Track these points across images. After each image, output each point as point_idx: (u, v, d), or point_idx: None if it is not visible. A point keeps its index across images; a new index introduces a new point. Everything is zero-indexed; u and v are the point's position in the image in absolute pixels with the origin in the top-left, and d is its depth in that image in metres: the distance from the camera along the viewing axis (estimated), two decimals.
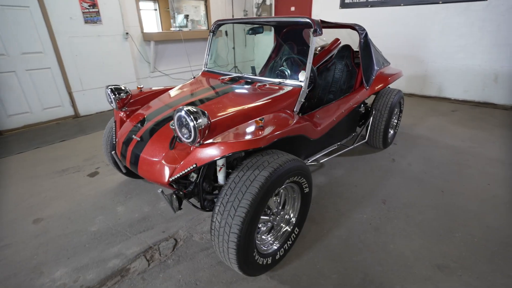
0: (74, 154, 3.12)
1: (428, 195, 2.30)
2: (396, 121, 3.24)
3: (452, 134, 3.53)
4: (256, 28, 2.66)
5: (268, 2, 6.77)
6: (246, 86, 2.09)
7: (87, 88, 4.46)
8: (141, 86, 2.33)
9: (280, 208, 1.60)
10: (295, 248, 1.77)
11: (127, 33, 4.72)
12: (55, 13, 3.85)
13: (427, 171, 2.68)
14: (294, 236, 1.69)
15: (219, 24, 2.57)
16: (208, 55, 2.63)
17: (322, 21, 1.96)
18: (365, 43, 2.61)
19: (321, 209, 2.14)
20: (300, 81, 1.91)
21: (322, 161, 2.75)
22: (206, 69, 2.60)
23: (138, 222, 2.03)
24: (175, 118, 1.36)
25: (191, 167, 1.37)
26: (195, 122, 1.30)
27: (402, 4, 5.01)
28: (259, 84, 2.07)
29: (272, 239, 1.59)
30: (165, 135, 1.61)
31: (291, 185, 1.56)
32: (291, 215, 1.69)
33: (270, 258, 1.52)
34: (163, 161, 1.50)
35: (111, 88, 1.96)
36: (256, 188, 1.24)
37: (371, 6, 5.33)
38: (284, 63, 2.60)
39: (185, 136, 1.37)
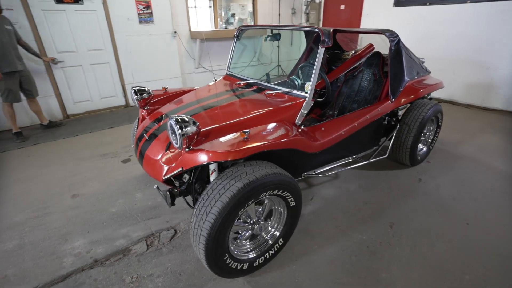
0: (116, 140, 3.58)
1: (447, 225, 2.06)
2: (432, 137, 2.92)
3: (508, 157, 3.02)
4: (274, 35, 2.66)
5: (317, 0, 6.55)
6: (256, 94, 2.14)
7: (137, 81, 5.01)
8: (166, 87, 2.55)
9: (261, 217, 1.64)
10: (280, 257, 1.79)
11: (175, 32, 5.12)
12: (115, 15, 4.40)
13: (458, 197, 2.38)
14: (278, 246, 1.71)
15: (243, 29, 2.65)
16: (231, 58, 2.73)
17: (337, 30, 1.87)
18: (396, 51, 2.40)
19: (320, 222, 2.10)
20: (305, 93, 1.88)
21: (333, 172, 2.66)
22: (228, 72, 2.71)
23: (149, 210, 2.28)
24: (168, 125, 1.50)
25: (178, 170, 1.50)
26: (181, 130, 1.41)
27: (468, 1, 4.36)
28: (268, 92, 2.09)
29: (251, 248, 1.64)
30: (166, 137, 1.77)
31: (275, 197, 1.58)
32: (276, 227, 1.71)
33: (247, 264, 1.58)
34: (160, 161, 1.67)
35: (134, 90, 2.22)
36: (227, 197, 1.31)
37: (430, 4, 4.77)
38: (300, 71, 2.55)
39: (173, 141, 1.50)
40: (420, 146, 2.91)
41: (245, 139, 1.47)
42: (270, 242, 1.68)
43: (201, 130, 1.60)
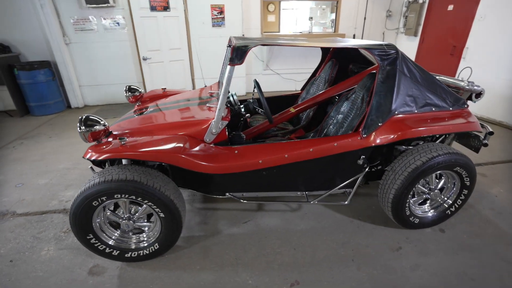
0: None
1: None
2: (451, 199, 2.07)
3: None
4: None
5: (420, 0, 5.35)
6: (202, 105, 2.20)
7: (206, 77, 5.73)
8: (165, 87, 2.94)
9: (134, 217, 1.79)
10: (161, 260, 1.88)
11: (243, 35, 5.49)
12: (192, 20, 5.19)
13: None
14: (153, 249, 1.81)
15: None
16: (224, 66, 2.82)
17: (266, 44, 1.66)
18: (390, 72, 1.84)
19: (227, 248, 2.00)
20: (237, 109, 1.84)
21: (259, 202, 2.36)
22: (220, 79, 2.82)
23: None
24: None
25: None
26: (80, 128, 1.71)
27: None
28: (208, 105, 2.12)
29: (114, 238, 1.81)
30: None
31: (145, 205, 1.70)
32: (149, 231, 1.83)
33: (117, 251, 1.78)
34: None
35: (126, 87, 2.70)
36: (83, 189, 1.57)
37: None
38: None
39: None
40: (426, 207, 2.14)
41: (123, 144, 1.65)
42: (133, 246, 1.82)
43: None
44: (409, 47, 5.78)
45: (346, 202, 2.06)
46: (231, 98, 2.12)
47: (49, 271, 1.82)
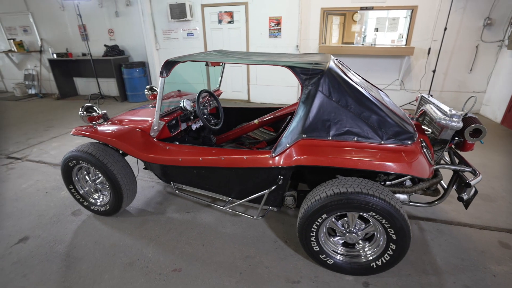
0: None
1: None
2: (369, 255, 1.75)
3: None
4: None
5: None
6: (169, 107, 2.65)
7: (260, 83, 6.17)
8: (179, 90, 3.54)
9: (94, 182, 2.42)
10: (111, 219, 2.46)
11: (297, 46, 5.58)
12: (252, 31, 5.69)
13: None
14: (106, 209, 2.41)
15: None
16: (221, 77, 3.16)
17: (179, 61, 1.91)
18: (310, 92, 1.75)
19: (158, 226, 2.37)
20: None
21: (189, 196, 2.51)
22: (217, 87, 3.20)
23: None
24: None
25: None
26: (83, 112, 2.45)
27: None
28: (173, 107, 2.54)
29: (85, 189, 2.49)
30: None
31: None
32: (103, 195, 2.43)
33: (86, 203, 2.49)
34: None
35: (147, 87, 3.43)
36: (67, 152, 2.31)
37: None
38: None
39: None
40: (339, 248, 1.87)
41: (94, 128, 2.30)
42: (92, 200, 2.47)
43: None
44: (510, 65, 4.41)
45: (254, 217, 2.07)
46: (181, 104, 2.46)
47: (56, 205, 2.72)
